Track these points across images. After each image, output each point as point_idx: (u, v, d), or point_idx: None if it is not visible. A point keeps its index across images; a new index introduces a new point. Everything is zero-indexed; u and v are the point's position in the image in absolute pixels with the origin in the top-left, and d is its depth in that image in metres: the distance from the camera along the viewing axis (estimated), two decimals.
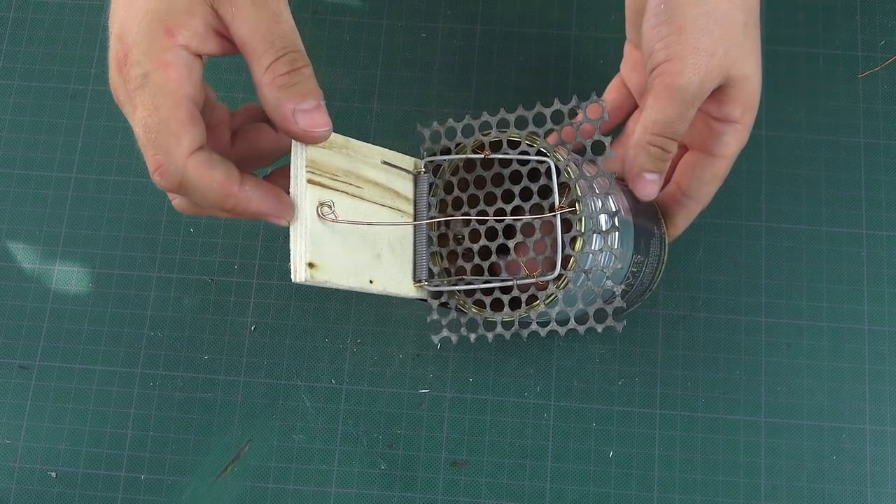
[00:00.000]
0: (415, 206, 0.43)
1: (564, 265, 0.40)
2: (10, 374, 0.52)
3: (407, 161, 0.44)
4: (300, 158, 0.38)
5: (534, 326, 0.41)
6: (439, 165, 0.44)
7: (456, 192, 0.44)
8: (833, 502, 0.49)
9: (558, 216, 0.40)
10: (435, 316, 0.44)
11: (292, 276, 0.37)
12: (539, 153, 0.41)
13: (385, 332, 0.52)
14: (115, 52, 0.35)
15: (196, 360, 0.52)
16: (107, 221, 0.54)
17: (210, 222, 0.54)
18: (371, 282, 0.41)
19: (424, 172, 0.43)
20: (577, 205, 0.40)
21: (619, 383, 0.51)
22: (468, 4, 0.58)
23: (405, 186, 0.43)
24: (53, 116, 0.56)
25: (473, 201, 0.43)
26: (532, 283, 0.41)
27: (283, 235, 0.53)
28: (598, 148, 0.41)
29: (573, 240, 0.40)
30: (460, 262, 0.44)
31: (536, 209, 0.42)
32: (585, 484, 0.49)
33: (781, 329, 0.51)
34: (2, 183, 0.55)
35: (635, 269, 0.44)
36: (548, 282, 0.40)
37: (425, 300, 0.43)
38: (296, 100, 0.35)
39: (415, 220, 0.43)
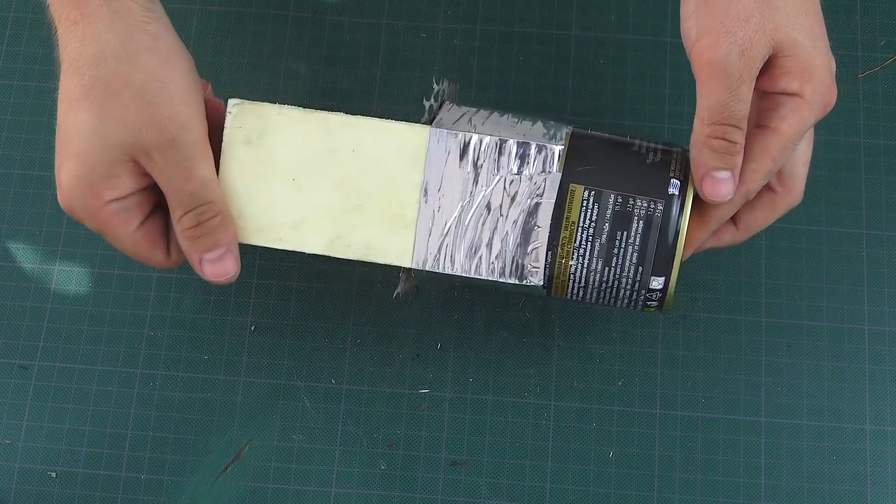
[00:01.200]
0: None
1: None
2: (10, 374, 0.52)
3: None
4: None
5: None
6: None
7: None
8: (833, 502, 0.49)
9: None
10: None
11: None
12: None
13: (385, 332, 0.52)
14: (60, 195, 0.39)
15: (196, 360, 0.52)
16: None
17: None
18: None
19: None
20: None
21: (619, 383, 0.51)
22: (468, 4, 0.58)
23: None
24: (53, 116, 0.56)
25: None
26: None
27: None
28: None
29: None
30: None
31: None
32: (585, 484, 0.49)
33: (781, 329, 0.51)
34: (2, 183, 0.55)
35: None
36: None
37: None
38: (201, 251, 0.39)
39: None
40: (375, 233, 0.41)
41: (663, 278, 0.40)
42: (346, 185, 0.41)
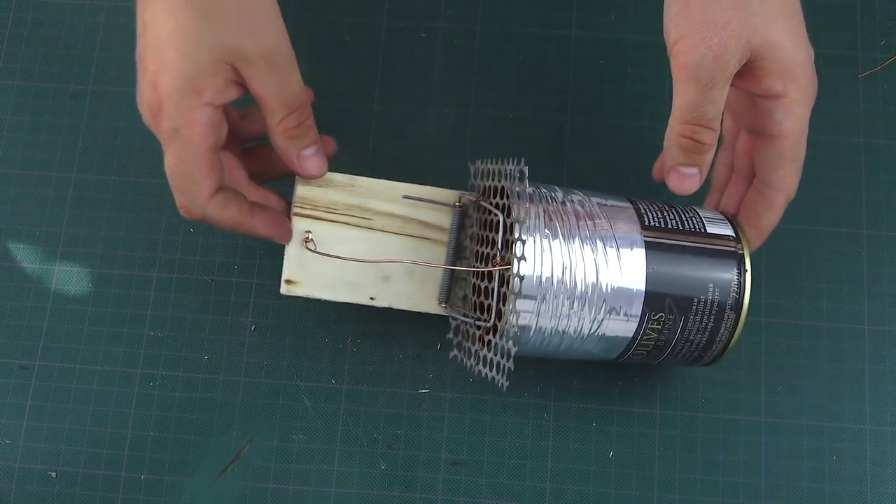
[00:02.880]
0: (449, 235, 0.47)
1: (498, 317, 0.41)
2: (10, 374, 0.52)
3: (449, 196, 0.47)
4: (294, 195, 0.46)
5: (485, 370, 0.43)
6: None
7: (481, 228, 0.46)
8: (833, 502, 0.49)
9: (496, 272, 0.41)
10: (450, 335, 0.48)
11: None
12: (498, 206, 0.43)
13: (385, 332, 0.52)
14: (149, 98, 0.40)
15: (196, 360, 0.52)
16: (107, 221, 0.54)
17: None
18: (372, 298, 0.47)
19: (458, 206, 0.47)
20: (513, 261, 0.40)
21: (619, 383, 0.51)
22: (468, 4, 0.58)
23: (440, 217, 0.47)
24: (53, 116, 0.56)
25: (482, 240, 0.45)
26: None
27: None
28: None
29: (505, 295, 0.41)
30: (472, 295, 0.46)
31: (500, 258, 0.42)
32: (585, 484, 0.49)
33: (781, 329, 0.51)
34: (2, 183, 0.55)
35: (655, 328, 0.42)
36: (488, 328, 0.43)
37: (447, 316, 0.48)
38: (300, 148, 0.43)
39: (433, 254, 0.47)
40: None
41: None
42: None
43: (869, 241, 0.53)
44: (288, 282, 0.47)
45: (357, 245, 0.46)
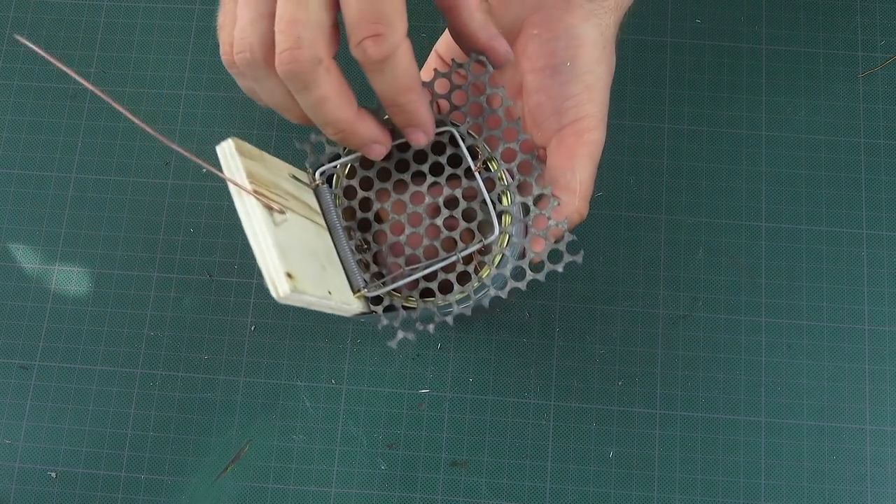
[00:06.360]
0: (324, 218, 0.39)
1: (501, 222, 0.39)
2: (10, 374, 0.52)
3: (306, 176, 0.40)
4: (239, 171, 0.34)
5: (492, 292, 0.38)
6: (332, 175, 0.40)
7: (361, 193, 0.41)
8: (833, 502, 0.49)
9: (479, 178, 0.39)
10: (384, 321, 0.38)
11: (272, 293, 0.33)
12: (439, 123, 0.40)
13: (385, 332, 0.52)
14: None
15: (196, 360, 0.52)
16: (107, 221, 0.54)
17: (210, 223, 0.54)
18: (330, 293, 0.36)
19: (322, 184, 0.40)
20: (491, 163, 0.39)
21: (619, 383, 0.51)
22: None
23: (313, 200, 0.40)
24: (53, 116, 0.56)
25: (383, 196, 0.41)
26: (476, 251, 0.39)
27: None
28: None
29: (500, 196, 0.39)
30: (390, 259, 0.40)
31: (453, 180, 0.40)
32: (585, 484, 0.49)
33: (781, 329, 0.51)
34: (2, 183, 0.55)
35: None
36: (491, 244, 0.39)
37: (371, 313, 0.39)
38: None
39: (337, 230, 0.40)
40: None
41: None
42: None
43: (869, 241, 0.53)
44: (290, 276, 0.34)
45: (294, 228, 0.36)
